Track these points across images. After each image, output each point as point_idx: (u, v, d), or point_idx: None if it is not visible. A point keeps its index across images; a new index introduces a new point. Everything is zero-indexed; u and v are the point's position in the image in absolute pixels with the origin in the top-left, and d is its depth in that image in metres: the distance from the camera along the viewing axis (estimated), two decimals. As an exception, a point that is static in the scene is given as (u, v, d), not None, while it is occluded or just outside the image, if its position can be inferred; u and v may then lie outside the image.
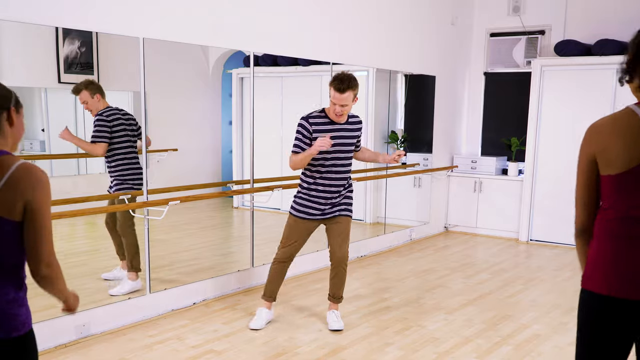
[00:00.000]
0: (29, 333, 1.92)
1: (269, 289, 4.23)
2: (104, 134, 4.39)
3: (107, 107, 4.42)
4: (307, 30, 5.47)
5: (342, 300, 4.28)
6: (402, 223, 7.17)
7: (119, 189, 4.48)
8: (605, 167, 1.89)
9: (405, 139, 7.40)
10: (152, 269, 4.43)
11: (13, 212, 1.81)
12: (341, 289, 4.23)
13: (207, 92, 6.21)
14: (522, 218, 7.22)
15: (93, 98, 4.37)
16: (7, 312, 1.85)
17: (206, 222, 6.75)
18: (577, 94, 6.78)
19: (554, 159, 6.97)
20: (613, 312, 1.90)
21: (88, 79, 4.37)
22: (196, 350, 3.78)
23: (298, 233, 4.12)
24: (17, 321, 1.87)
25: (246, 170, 5.68)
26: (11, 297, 1.86)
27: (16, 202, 1.80)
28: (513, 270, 5.92)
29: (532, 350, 3.88)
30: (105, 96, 4.43)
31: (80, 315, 3.92)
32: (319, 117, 3.97)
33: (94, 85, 4.38)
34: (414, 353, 3.80)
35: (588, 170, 1.95)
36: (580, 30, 6.99)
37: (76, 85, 4.35)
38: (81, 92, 4.35)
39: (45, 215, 1.84)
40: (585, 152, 1.94)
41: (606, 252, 1.92)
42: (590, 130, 1.94)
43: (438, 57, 7.31)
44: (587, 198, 1.98)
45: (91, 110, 4.41)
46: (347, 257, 4.17)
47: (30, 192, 1.80)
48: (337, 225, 4.11)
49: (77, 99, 4.47)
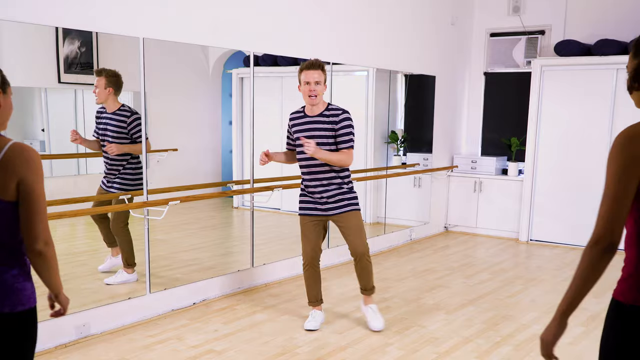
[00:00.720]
0: (33, 309, 1.95)
1: (311, 295, 4.26)
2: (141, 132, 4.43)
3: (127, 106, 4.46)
4: (307, 30, 5.47)
5: (374, 290, 4.27)
6: (402, 223, 7.17)
7: (121, 189, 4.48)
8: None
9: (405, 139, 7.40)
10: (152, 269, 4.43)
11: (6, 192, 1.84)
12: (371, 280, 4.21)
13: (207, 92, 6.21)
14: (522, 218, 7.22)
15: (105, 89, 4.40)
16: (14, 285, 1.88)
17: (206, 222, 6.75)
18: (577, 94, 6.78)
19: (554, 159, 6.97)
20: None
21: (117, 71, 4.40)
22: (196, 350, 3.78)
23: (307, 231, 4.15)
24: (22, 295, 1.90)
25: (246, 170, 5.67)
26: (16, 272, 1.90)
27: (10, 182, 1.83)
28: (513, 270, 5.92)
29: (532, 350, 3.87)
30: (118, 94, 4.45)
31: (80, 315, 3.93)
32: (297, 112, 4.13)
33: (114, 79, 4.41)
34: (414, 353, 3.80)
35: (627, 179, 1.70)
36: (580, 30, 6.99)
37: (102, 68, 4.40)
38: (100, 77, 4.39)
39: (39, 193, 1.87)
40: (625, 159, 1.71)
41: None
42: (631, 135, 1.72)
43: (438, 57, 7.31)
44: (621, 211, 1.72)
45: (97, 97, 4.43)
46: (368, 249, 4.14)
47: (22, 172, 1.84)
48: (347, 222, 4.11)
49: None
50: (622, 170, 1.72)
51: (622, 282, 1.81)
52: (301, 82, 3.96)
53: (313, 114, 4.01)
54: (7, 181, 1.83)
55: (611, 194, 1.73)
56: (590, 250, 1.75)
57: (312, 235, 4.15)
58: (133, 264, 4.58)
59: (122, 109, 4.45)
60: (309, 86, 3.91)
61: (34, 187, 1.86)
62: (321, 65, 3.94)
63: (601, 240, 1.73)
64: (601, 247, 1.73)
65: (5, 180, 1.83)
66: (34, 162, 1.86)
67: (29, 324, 1.94)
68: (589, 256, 1.75)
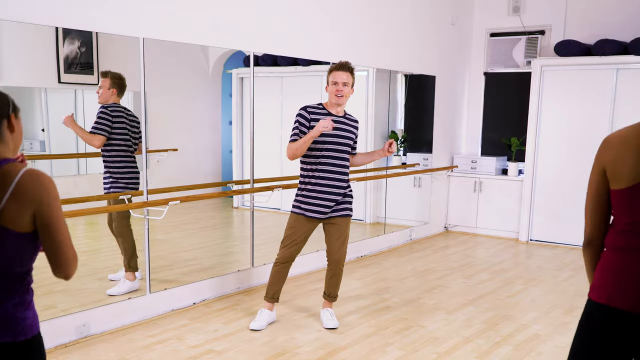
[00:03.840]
0: (36, 337, 1.89)
1: (271, 291, 4.21)
2: (104, 127, 4.40)
3: (114, 103, 4.44)
4: (307, 30, 5.47)
5: (337, 299, 4.29)
6: (402, 223, 7.17)
7: (112, 188, 4.47)
8: (613, 181, 1.86)
9: (405, 139, 7.40)
10: (152, 269, 4.43)
11: (19, 224, 1.74)
12: (337, 288, 4.25)
13: (207, 92, 6.21)
14: (522, 218, 7.22)
15: (109, 90, 4.41)
16: (14, 315, 1.82)
17: (206, 222, 6.75)
18: (577, 94, 6.78)
19: (554, 159, 6.97)
20: (614, 323, 1.88)
21: (121, 74, 4.42)
22: (196, 350, 3.78)
23: (300, 233, 4.10)
24: (24, 324, 1.85)
25: (246, 170, 5.67)
26: (17, 301, 1.83)
27: (23, 213, 1.73)
28: (513, 270, 5.92)
29: (532, 350, 3.87)
30: (121, 96, 4.46)
31: (80, 315, 3.93)
32: (317, 108, 4.03)
33: (118, 80, 4.43)
34: (414, 353, 3.80)
35: (597, 182, 1.92)
36: (580, 30, 6.99)
37: (109, 70, 4.42)
38: (105, 78, 4.42)
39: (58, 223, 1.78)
40: (597, 163, 1.91)
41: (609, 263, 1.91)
42: (604, 141, 1.90)
43: (438, 57, 7.31)
44: (594, 210, 1.95)
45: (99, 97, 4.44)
46: (345, 258, 4.17)
47: (37, 202, 1.74)
48: (338, 227, 4.10)
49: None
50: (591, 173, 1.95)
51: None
52: (329, 82, 3.97)
53: (338, 114, 4.03)
54: (21, 212, 1.73)
55: (588, 194, 1.97)
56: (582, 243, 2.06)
57: (303, 239, 4.13)
58: (135, 268, 4.53)
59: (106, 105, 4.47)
60: (337, 86, 3.93)
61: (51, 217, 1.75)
62: (350, 68, 3.96)
63: (584, 235, 2.02)
64: (584, 240, 2.03)
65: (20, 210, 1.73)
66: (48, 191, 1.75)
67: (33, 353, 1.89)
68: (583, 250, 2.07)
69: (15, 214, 1.73)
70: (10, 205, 1.72)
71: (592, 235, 1.97)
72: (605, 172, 1.88)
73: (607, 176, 1.87)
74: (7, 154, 1.82)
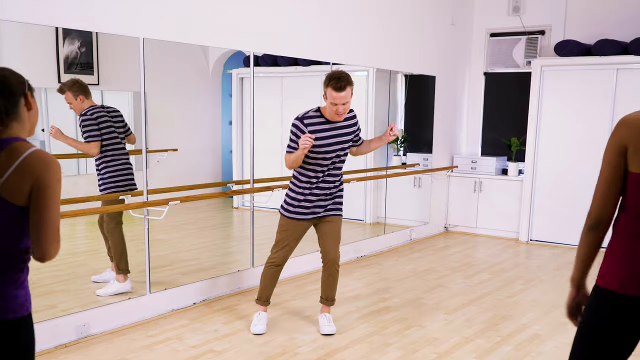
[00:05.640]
0: (26, 317, 1.87)
1: (265, 294, 4.17)
2: (94, 132, 4.34)
3: (90, 106, 4.35)
4: (307, 30, 5.47)
5: (334, 303, 4.21)
6: (402, 223, 7.17)
7: (109, 189, 4.45)
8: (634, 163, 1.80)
9: (405, 139, 7.40)
10: (152, 269, 4.43)
11: (18, 196, 1.76)
12: (334, 290, 4.17)
13: (207, 92, 6.22)
14: (522, 218, 7.22)
15: (76, 100, 4.31)
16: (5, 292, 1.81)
17: (206, 222, 6.75)
18: (577, 94, 6.78)
19: (554, 159, 6.97)
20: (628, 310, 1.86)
21: (74, 78, 4.31)
22: (196, 350, 3.78)
23: (292, 235, 4.04)
24: (14, 303, 1.83)
25: (246, 170, 5.68)
26: (9, 279, 1.82)
27: (23, 185, 1.76)
28: (513, 270, 5.92)
29: (532, 350, 3.88)
30: (90, 96, 4.36)
31: (80, 315, 3.93)
32: (314, 117, 3.88)
33: (77, 86, 4.31)
34: (414, 353, 3.80)
35: (616, 163, 1.84)
36: (580, 30, 6.99)
37: (61, 85, 4.30)
38: (65, 93, 4.30)
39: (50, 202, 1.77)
40: (615, 143, 1.83)
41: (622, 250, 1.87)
42: (623, 121, 1.84)
43: (438, 57, 7.31)
44: (607, 193, 1.87)
45: (75, 111, 4.37)
46: (339, 258, 4.11)
47: (37, 174, 1.76)
48: (330, 226, 4.04)
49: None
50: (607, 153, 1.87)
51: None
52: (327, 96, 3.79)
53: (339, 119, 3.91)
54: (21, 184, 1.76)
55: (600, 175, 1.90)
56: (583, 227, 1.96)
57: (296, 240, 4.08)
58: (126, 270, 4.47)
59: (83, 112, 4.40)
60: (337, 107, 3.78)
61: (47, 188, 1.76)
62: (350, 82, 3.76)
63: (590, 218, 1.92)
64: (588, 223, 1.93)
65: (20, 183, 1.76)
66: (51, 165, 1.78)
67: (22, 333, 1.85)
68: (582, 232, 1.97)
69: (15, 187, 1.76)
70: (12, 179, 1.76)
71: (600, 218, 1.89)
72: (627, 152, 1.81)
73: (628, 156, 1.81)
74: (21, 134, 1.86)
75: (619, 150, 1.83)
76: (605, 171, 1.87)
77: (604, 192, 1.88)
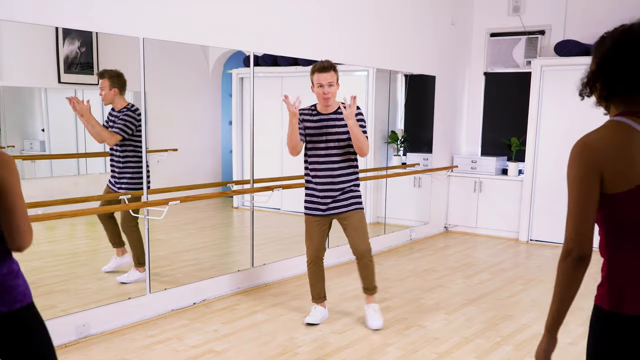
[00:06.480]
0: (31, 304, 1.96)
1: (314, 291, 4.33)
2: (128, 130, 4.44)
3: (133, 105, 4.47)
4: (307, 30, 5.47)
5: (377, 290, 4.31)
6: (402, 223, 7.17)
7: (127, 188, 4.49)
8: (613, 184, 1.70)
9: (405, 139, 7.40)
10: (152, 269, 4.43)
11: None
12: (373, 280, 4.26)
13: (207, 92, 6.21)
14: (522, 218, 7.22)
15: (111, 90, 4.43)
16: (5, 284, 1.88)
17: (206, 222, 6.75)
18: (577, 94, 6.76)
19: (554, 159, 6.97)
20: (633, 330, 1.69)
21: (118, 70, 4.43)
22: (196, 350, 3.78)
23: (311, 231, 4.21)
24: (17, 292, 1.90)
25: (246, 170, 5.68)
26: (5, 271, 1.89)
27: None
28: (513, 270, 5.92)
29: (532, 350, 3.87)
30: (124, 93, 4.48)
31: (80, 315, 3.93)
32: (307, 108, 4.16)
33: (118, 79, 4.44)
34: (414, 353, 3.80)
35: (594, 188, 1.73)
36: (580, 30, 6.99)
37: (104, 70, 4.43)
38: (104, 79, 4.43)
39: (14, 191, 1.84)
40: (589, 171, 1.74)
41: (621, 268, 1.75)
42: (584, 146, 1.77)
43: (438, 57, 7.31)
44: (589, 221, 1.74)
45: (103, 100, 4.46)
46: (370, 249, 4.20)
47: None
48: (350, 221, 4.17)
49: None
50: (580, 180, 1.75)
51: (600, 287, 1.81)
52: (314, 83, 4.04)
53: (327, 111, 4.10)
54: None
55: (574, 205, 1.78)
56: (563, 264, 1.76)
57: (315, 235, 4.21)
58: (144, 263, 4.53)
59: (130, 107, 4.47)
60: (323, 89, 4.00)
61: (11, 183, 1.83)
62: (333, 66, 4.02)
63: (571, 252, 1.75)
64: (572, 258, 1.75)
65: None
66: (9, 163, 1.85)
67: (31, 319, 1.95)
68: (562, 269, 1.76)
69: None
70: None
71: (586, 249, 1.74)
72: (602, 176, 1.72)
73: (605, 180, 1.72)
74: None
75: (594, 177, 1.73)
76: (586, 199, 1.75)
77: (580, 223, 1.77)
